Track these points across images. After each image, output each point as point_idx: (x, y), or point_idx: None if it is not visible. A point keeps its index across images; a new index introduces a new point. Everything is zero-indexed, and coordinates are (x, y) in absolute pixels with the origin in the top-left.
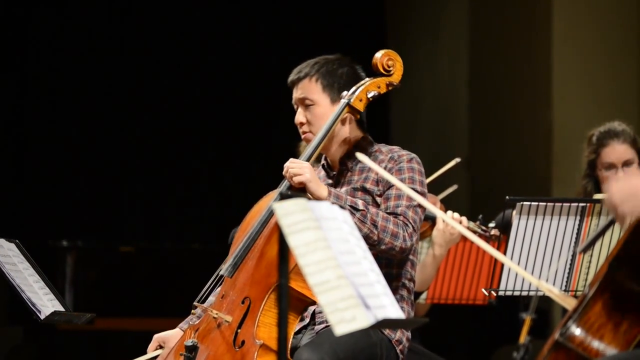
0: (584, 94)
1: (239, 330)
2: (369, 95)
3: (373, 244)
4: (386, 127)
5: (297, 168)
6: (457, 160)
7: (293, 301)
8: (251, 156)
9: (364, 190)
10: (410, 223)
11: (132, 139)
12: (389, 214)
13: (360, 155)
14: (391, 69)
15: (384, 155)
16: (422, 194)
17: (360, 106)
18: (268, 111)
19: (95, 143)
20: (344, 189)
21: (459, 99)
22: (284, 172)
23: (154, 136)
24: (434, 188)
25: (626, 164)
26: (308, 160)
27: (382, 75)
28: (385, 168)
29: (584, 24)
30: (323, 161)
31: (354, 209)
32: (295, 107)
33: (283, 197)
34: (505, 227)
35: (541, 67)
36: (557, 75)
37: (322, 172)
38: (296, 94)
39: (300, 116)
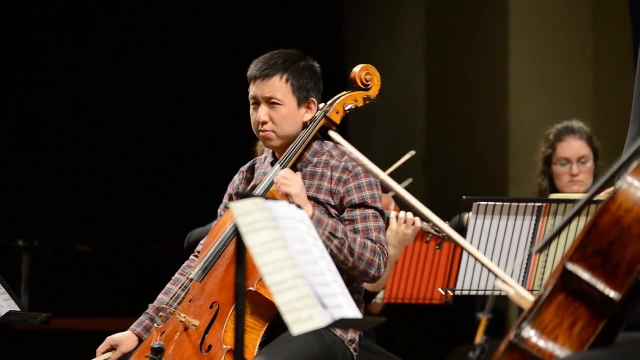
0: (540, 94)
1: (206, 335)
2: (346, 108)
3: (346, 269)
4: (343, 127)
5: (289, 179)
6: (412, 153)
7: (260, 308)
8: (209, 156)
9: (317, 201)
10: (385, 251)
11: (88, 138)
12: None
13: (334, 135)
14: (369, 83)
15: (335, 161)
16: (377, 209)
17: (337, 118)
18: (226, 110)
19: (51, 142)
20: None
21: (415, 99)
22: (275, 179)
23: (110, 135)
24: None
25: (581, 160)
26: (284, 168)
27: (360, 89)
28: (337, 178)
29: (540, 24)
30: (272, 158)
31: (332, 236)
32: (252, 102)
33: (241, 196)
34: (460, 231)
35: (497, 67)
36: (513, 75)
37: (267, 165)
38: (261, 91)
39: (263, 115)
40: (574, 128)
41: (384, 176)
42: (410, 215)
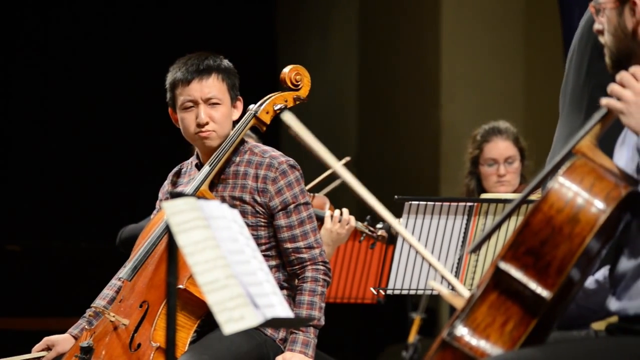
0: (472, 95)
1: (135, 334)
2: (276, 108)
3: None
4: (274, 128)
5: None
6: (347, 159)
7: (190, 305)
8: (140, 154)
9: (242, 200)
10: (325, 259)
11: (17, 136)
12: (299, 250)
13: (288, 117)
14: (299, 83)
15: (258, 158)
16: (309, 203)
17: (267, 118)
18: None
19: None
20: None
21: (348, 98)
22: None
23: (40, 133)
24: (321, 184)
25: (508, 160)
26: (213, 169)
27: (290, 89)
28: (263, 176)
29: (472, 25)
30: (197, 160)
31: (318, 321)
32: (187, 105)
33: (172, 195)
34: (390, 234)
35: (430, 68)
36: (445, 75)
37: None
38: (199, 92)
39: (204, 115)
40: (500, 128)
41: (338, 166)
42: (345, 214)
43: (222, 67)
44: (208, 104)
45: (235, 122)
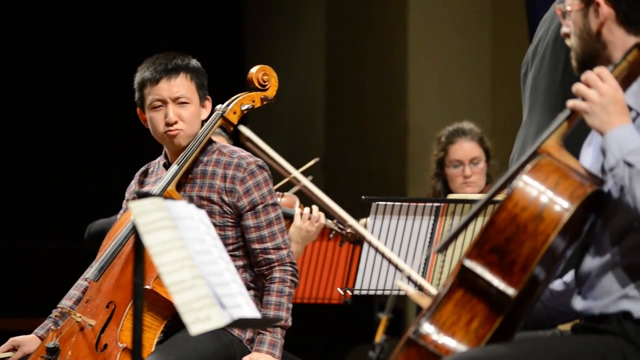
0: (439, 96)
1: (101, 335)
2: (243, 108)
3: None
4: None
5: None
6: (316, 160)
7: (157, 306)
8: (107, 154)
9: (210, 200)
10: (293, 260)
11: None
12: (267, 251)
13: (244, 130)
14: (266, 83)
15: (227, 158)
16: (276, 204)
17: (234, 118)
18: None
19: None
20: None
21: (315, 99)
22: None
23: (7, 133)
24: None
25: (473, 161)
26: (181, 168)
27: (257, 89)
28: (232, 176)
29: (439, 26)
30: (164, 160)
31: (285, 322)
32: (156, 104)
33: (139, 196)
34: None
35: (397, 69)
36: (412, 76)
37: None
38: (168, 91)
39: (173, 115)
40: (464, 129)
41: (296, 172)
42: (315, 211)
43: (191, 66)
44: (177, 103)
45: (203, 122)
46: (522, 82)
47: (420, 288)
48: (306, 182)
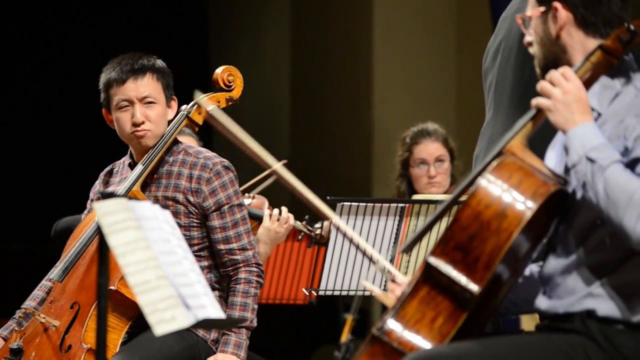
0: (404, 96)
1: (65, 335)
2: (208, 109)
3: None
4: (207, 128)
5: None
6: (284, 162)
7: (121, 307)
8: (71, 155)
9: (175, 201)
10: (259, 261)
11: None
12: (232, 252)
13: (213, 109)
14: (232, 84)
15: (192, 158)
16: (242, 204)
17: (199, 119)
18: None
19: None
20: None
21: (280, 99)
22: None
23: None
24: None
25: (438, 161)
26: (146, 168)
27: (222, 90)
28: (197, 176)
29: (404, 26)
30: (129, 160)
31: (250, 322)
32: (123, 105)
33: (104, 196)
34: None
35: (362, 69)
36: (377, 77)
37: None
38: (135, 91)
39: (140, 115)
40: (429, 130)
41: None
42: (284, 212)
43: (157, 66)
44: (143, 104)
45: (169, 123)
46: (484, 77)
47: (393, 280)
48: (277, 166)
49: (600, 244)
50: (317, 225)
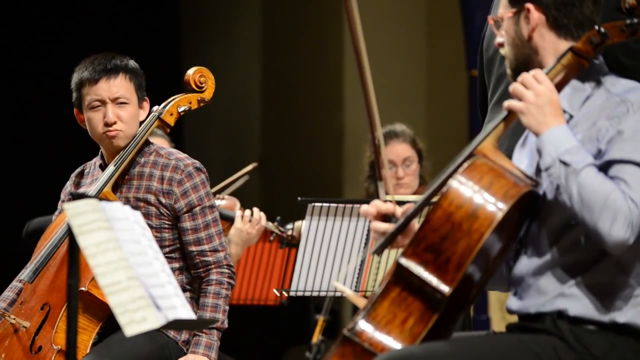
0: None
1: (36, 336)
2: (180, 110)
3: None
4: (178, 129)
5: None
6: (254, 164)
7: (92, 308)
8: (42, 156)
9: (147, 202)
10: (230, 262)
11: None
12: (204, 253)
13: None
14: (203, 85)
15: (164, 159)
16: (214, 206)
17: (171, 120)
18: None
19: None
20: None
21: (251, 100)
22: None
23: None
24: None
25: (406, 162)
26: (117, 169)
27: (193, 91)
28: (169, 178)
29: (375, 27)
30: (100, 161)
31: (221, 323)
32: (95, 105)
33: (74, 197)
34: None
35: (333, 70)
36: (348, 78)
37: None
38: (107, 91)
39: (112, 115)
40: (396, 131)
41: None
42: (256, 213)
43: (130, 67)
44: (116, 104)
45: (140, 123)
46: (487, 66)
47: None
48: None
49: (572, 244)
50: (289, 226)
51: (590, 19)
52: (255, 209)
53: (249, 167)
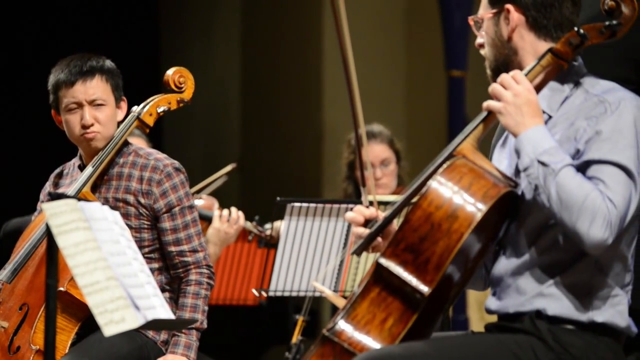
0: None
1: (14, 337)
2: (159, 110)
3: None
4: (158, 129)
5: None
6: (233, 165)
7: (71, 308)
8: (20, 155)
9: (126, 202)
10: (209, 263)
11: None
12: (183, 254)
13: None
14: (182, 85)
15: (143, 160)
16: (193, 206)
17: (150, 120)
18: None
19: None
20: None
21: (231, 100)
22: None
23: None
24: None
25: (383, 163)
26: (96, 170)
27: (173, 91)
28: (148, 178)
29: (354, 27)
30: (79, 161)
31: (200, 323)
32: (72, 107)
33: (53, 197)
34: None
35: (312, 70)
36: (327, 78)
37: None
38: (83, 93)
39: (89, 117)
40: (374, 132)
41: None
42: (234, 212)
43: (106, 68)
44: (93, 106)
45: (119, 124)
46: None
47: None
48: None
49: (551, 244)
50: (267, 225)
51: (570, 20)
52: (233, 209)
53: (228, 168)
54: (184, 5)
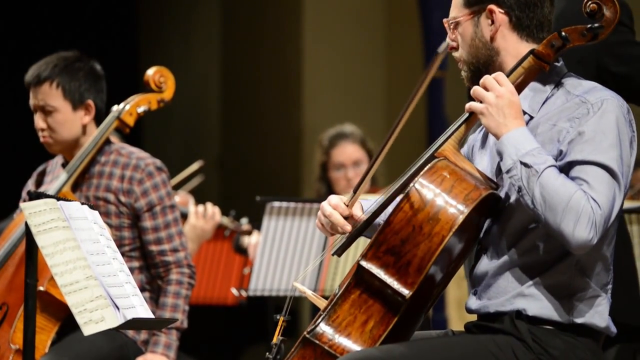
0: (334, 96)
1: None
2: (139, 110)
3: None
4: (138, 128)
5: None
6: (200, 163)
7: (51, 308)
8: (4, 153)
9: (106, 201)
10: (191, 262)
11: None
12: (164, 253)
13: None
14: (162, 85)
15: (124, 159)
16: (174, 205)
17: (130, 120)
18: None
19: None
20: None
21: (210, 99)
22: None
23: None
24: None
25: (356, 163)
26: (77, 169)
27: (153, 91)
28: (129, 177)
29: (334, 26)
30: (62, 160)
31: (180, 323)
32: (33, 109)
33: (32, 196)
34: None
35: (292, 68)
36: (307, 77)
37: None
38: (34, 99)
39: (40, 122)
40: (345, 133)
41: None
42: (209, 208)
43: (63, 71)
44: (42, 112)
45: (99, 122)
46: None
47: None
48: None
49: (532, 245)
50: (244, 219)
51: (549, 19)
52: (209, 204)
53: (195, 166)
54: (164, 4)
